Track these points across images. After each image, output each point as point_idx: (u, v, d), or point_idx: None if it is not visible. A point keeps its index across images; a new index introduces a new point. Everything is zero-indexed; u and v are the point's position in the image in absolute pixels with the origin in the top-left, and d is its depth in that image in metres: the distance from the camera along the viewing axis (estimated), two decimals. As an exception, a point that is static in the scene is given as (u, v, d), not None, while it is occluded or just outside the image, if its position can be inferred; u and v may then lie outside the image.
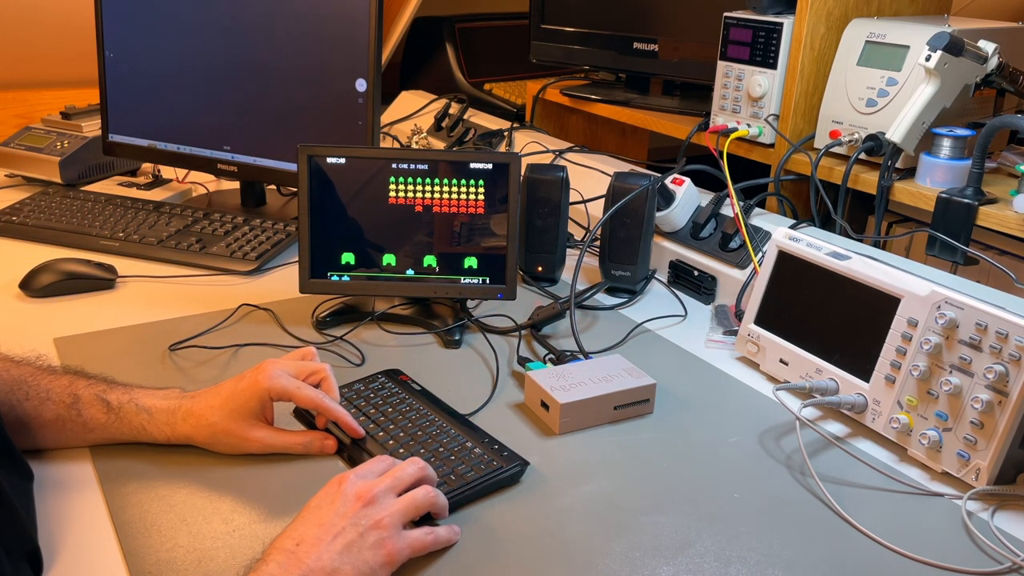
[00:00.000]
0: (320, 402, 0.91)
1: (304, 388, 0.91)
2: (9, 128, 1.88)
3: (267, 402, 0.91)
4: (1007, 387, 0.88)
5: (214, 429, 0.90)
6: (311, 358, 0.96)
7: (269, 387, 0.89)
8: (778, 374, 1.12)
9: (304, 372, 0.93)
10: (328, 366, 0.95)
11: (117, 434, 0.91)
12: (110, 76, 1.60)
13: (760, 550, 0.82)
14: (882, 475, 0.93)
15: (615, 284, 1.36)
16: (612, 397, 1.01)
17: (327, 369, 0.94)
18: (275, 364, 0.92)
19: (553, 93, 1.98)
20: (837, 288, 1.05)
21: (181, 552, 0.79)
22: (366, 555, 0.73)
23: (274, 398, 0.91)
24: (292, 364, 0.94)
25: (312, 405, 0.91)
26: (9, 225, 1.50)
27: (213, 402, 0.91)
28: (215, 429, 0.90)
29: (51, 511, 0.83)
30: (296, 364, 0.94)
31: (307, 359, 0.96)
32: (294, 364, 0.94)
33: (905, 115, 1.23)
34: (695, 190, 1.43)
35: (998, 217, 1.16)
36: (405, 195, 1.18)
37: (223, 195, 1.74)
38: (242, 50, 1.51)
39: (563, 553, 0.80)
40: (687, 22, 1.73)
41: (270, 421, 0.94)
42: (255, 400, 0.90)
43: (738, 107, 1.49)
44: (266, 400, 0.91)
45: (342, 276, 1.20)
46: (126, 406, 0.91)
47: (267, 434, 0.92)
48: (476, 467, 0.88)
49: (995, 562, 0.81)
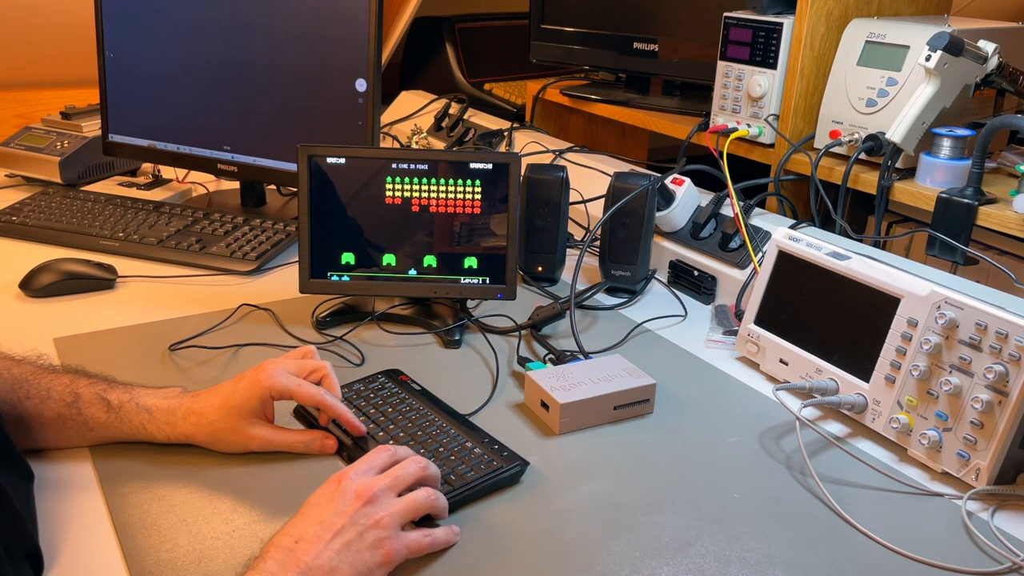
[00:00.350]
0: (322, 399, 0.91)
1: (305, 386, 0.91)
2: (9, 128, 1.88)
3: (268, 401, 0.91)
4: (1007, 387, 0.88)
5: (214, 428, 0.90)
6: (311, 357, 0.96)
7: (270, 385, 0.90)
8: (778, 374, 1.12)
9: (305, 370, 0.93)
10: (328, 364, 0.95)
11: (117, 433, 0.91)
12: (110, 76, 1.60)
13: (760, 550, 0.82)
14: (882, 475, 0.93)
15: (615, 284, 1.36)
16: (612, 397, 1.01)
17: (328, 367, 0.94)
18: (276, 363, 0.92)
19: (553, 93, 1.98)
20: (837, 288, 1.05)
21: (181, 552, 0.79)
22: (364, 554, 0.73)
23: (275, 396, 0.91)
24: (292, 363, 0.94)
25: (314, 402, 0.91)
26: (9, 225, 1.50)
27: (213, 401, 0.91)
28: (215, 428, 0.90)
29: (51, 511, 0.83)
30: (296, 363, 0.94)
31: (307, 358, 0.96)
32: (295, 363, 0.94)
33: (905, 115, 1.23)
34: (695, 190, 1.43)
35: (998, 217, 1.16)
36: (405, 195, 1.18)
37: (223, 195, 1.74)
38: (242, 50, 1.51)
39: (563, 553, 0.80)
40: (687, 22, 1.73)
41: (271, 420, 0.94)
42: (256, 399, 0.90)
43: (738, 107, 1.49)
44: (267, 399, 0.91)
45: (342, 276, 1.20)
46: (126, 405, 0.91)
47: (268, 432, 0.92)
48: (476, 467, 0.88)
49: (995, 562, 0.81)
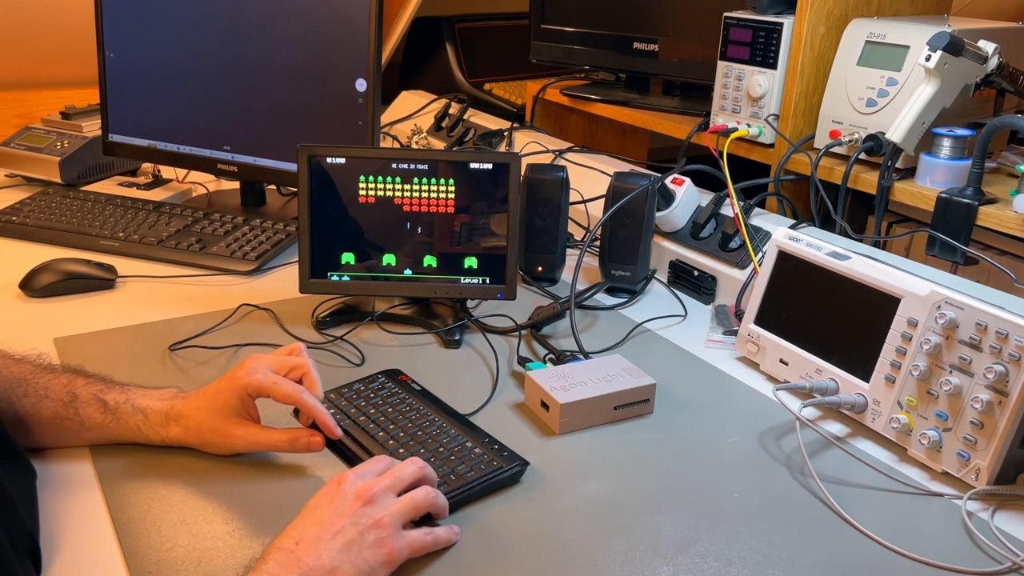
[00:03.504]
0: (299, 398, 0.88)
1: (282, 383, 0.88)
2: (9, 128, 1.88)
3: (247, 399, 0.89)
4: (1007, 387, 0.88)
5: (201, 429, 0.89)
6: (298, 354, 0.93)
7: (246, 383, 0.87)
8: (778, 374, 1.12)
9: (285, 367, 0.90)
10: (311, 361, 0.92)
11: (114, 434, 0.91)
12: (110, 76, 1.60)
13: (760, 550, 0.82)
14: (882, 475, 0.93)
15: (615, 284, 1.36)
16: (612, 397, 1.01)
17: (309, 365, 0.91)
18: (257, 359, 0.90)
19: (553, 93, 1.98)
20: (837, 288, 1.05)
21: (181, 552, 0.79)
22: (365, 554, 0.73)
23: (251, 394, 0.88)
24: (275, 359, 0.91)
25: (290, 400, 0.88)
26: (9, 225, 1.50)
27: (200, 402, 0.90)
28: (202, 429, 0.89)
29: (51, 510, 0.83)
30: (279, 359, 0.91)
31: (294, 355, 0.93)
32: (277, 359, 0.91)
33: (905, 115, 1.23)
34: (695, 190, 1.43)
35: (998, 217, 1.16)
36: (405, 195, 1.18)
37: (223, 195, 1.73)
38: (242, 50, 1.51)
39: (563, 553, 0.80)
40: (687, 22, 1.73)
41: (256, 419, 0.91)
42: (235, 397, 0.88)
43: (738, 107, 1.49)
44: (244, 397, 0.88)
45: (342, 276, 1.20)
46: (123, 407, 0.90)
47: (251, 431, 0.89)
48: (476, 467, 0.88)
49: (995, 562, 0.81)
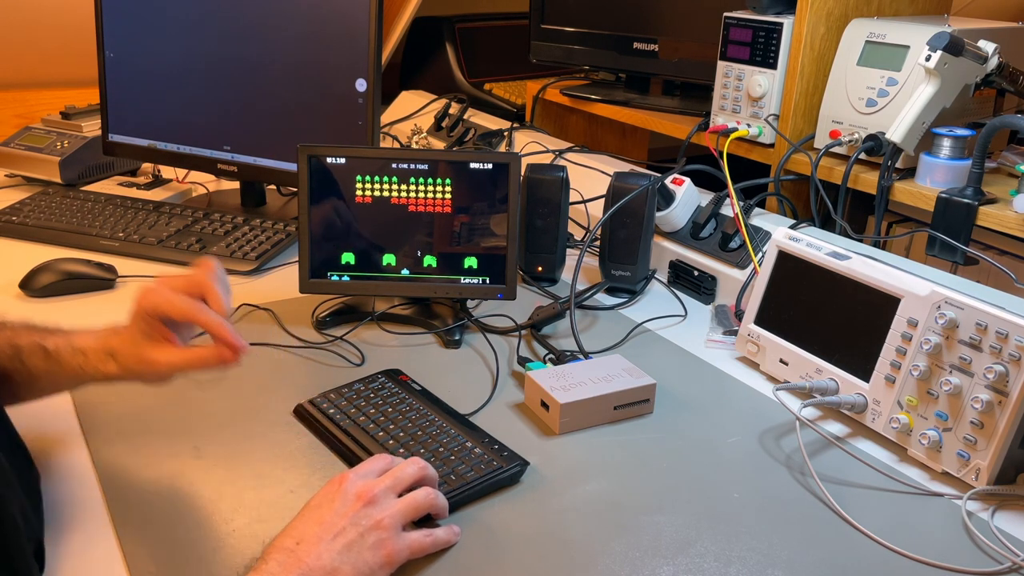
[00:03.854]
0: (196, 315, 0.82)
1: (176, 300, 0.82)
2: (9, 128, 1.88)
3: (152, 321, 0.84)
4: (1007, 387, 0.88)
5: (128, 361, 0.85)
6: (208, 269, 0.86)
7: (142, 305, 0.83)
8: (778, 374, 1.12)
9: (188, 286, 0.85)
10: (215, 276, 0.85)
11: (61, 380, 0.87)
12: (110, 76, 1.60)
13: (760, 550, 0.82)
14: (882, 475, 0.93)
15: (615, 284, 1.36)
16: (612, 397, 1.01)
17: (212, 279, 0.85)
18: (160, 281, 0.86)
19: (553, 93, 1.98)
20: (837, 288, 1.05)
21: (181, 552, 0.79)
22: (366, 555, 0.73)
23: (151, 314, 0.84)
24: (178, 279, 0.86)
25: (185, 317, 0.83)
26: (9, 225, 1.50)
27: (126, 335, 0.86)
28: (128, 361, 0.85)
29: (51, 509, 0.83)
30: (182, 278, 0.86)
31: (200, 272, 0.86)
32: (181, 279, 0.86)
33: (905, 115, 1.23)
34: (695, 190, 1.43)
35: (998, 217, 1.16)
36: (405, 195, 1.18)
37: (223, 195, 1.73)
38: (242, 50, 1.51)
39: (563, 553, 0.80)
40: (687, 22, 1.73)
41: (172, 341, 0.85)
42: (139, 319, 0.84)
43: (738, 107, 1.49)
44: (147, 319, 0.84)
45: (342, 276, 1.20)
46: (64, 350, 0.86)
47: (169, 354, 0.85)
48: (476, 467, 0.88)
49: (995, 562, 0.81)
